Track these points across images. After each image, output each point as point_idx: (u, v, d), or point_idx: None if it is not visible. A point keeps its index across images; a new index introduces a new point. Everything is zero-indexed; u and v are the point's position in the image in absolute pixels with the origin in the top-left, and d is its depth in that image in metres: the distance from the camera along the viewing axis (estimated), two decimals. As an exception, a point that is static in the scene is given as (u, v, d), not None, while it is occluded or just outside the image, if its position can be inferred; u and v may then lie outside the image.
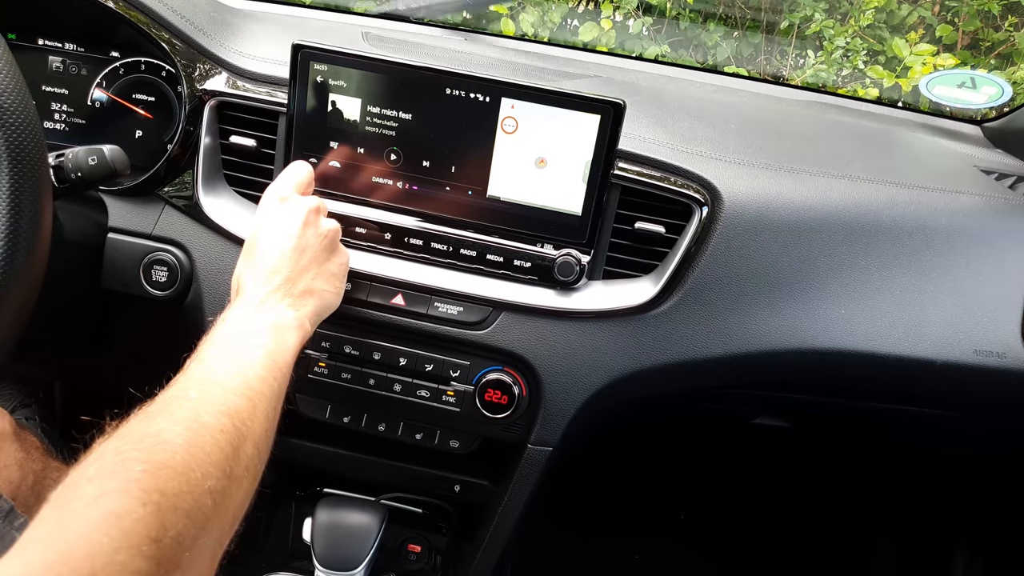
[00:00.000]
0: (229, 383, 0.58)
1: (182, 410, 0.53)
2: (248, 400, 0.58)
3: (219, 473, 0.51)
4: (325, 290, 0.75)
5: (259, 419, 0.58)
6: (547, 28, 2.02)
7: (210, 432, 0.52)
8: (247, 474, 0.56)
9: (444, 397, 0.88)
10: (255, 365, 0.62)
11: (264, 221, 0.74)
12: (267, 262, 0.71)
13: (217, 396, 0.56)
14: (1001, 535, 1.41)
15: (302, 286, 0.72)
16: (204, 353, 0.62)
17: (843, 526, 1.67)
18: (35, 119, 0.63)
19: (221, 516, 0.51)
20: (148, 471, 0.46)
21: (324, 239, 0.75)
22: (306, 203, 0.75)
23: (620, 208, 0.86)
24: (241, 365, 0.61)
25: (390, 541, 1.05)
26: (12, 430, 0.97)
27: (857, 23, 2.09)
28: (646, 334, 0.86)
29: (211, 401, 0.55)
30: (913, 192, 0.90)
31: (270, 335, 0.66)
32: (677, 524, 1.70)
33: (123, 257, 0.90)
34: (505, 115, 0.80)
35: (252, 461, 0.57)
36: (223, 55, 0.90)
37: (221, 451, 0.52)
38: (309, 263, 0.73)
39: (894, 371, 0.87)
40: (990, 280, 0.88)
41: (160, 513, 0.45)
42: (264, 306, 0.68)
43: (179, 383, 0.58)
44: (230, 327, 0.66)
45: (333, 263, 0.77)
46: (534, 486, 0.92)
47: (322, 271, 0.75)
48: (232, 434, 0.54)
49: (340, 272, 0.78)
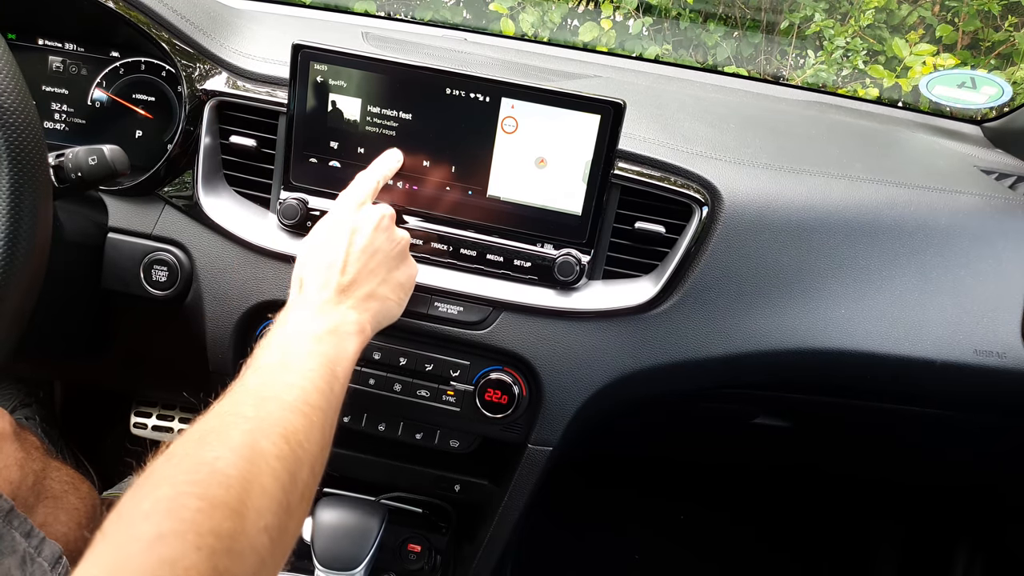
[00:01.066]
0: (286, 398, 0.56)
1: (238, 432, 0.51)
2: (305, 417, 0.56)
3: (276, 507, 0.49)
4: (389, 298, 0.73)
5: (315, 438, 0.56)
6: (547, 28, 2.03)
7: (267, 461, 0.50)
8: (303, 503, 0.54)
9: (444, 397, 0.88)
10: (313, 376, 0.59)
11: (336, 222, 0.72)
12: (335, 261, 0.69)
13: (274, 414, 0.54)
14: (1007, 536, 1.41)
15: (367, 289, 0.70)
16: (260, 360, 0.60)
17: (843, 526, 1.67)
18: (35, 119, 0.63)
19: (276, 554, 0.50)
20: (203, 510, 0.45)
21: (397, 246, 0.74)
22: (381, 208, 0.74)
23: (620, 208, 0.86)
24: (299, 376, 0.59)
25: (390, 541, 1.04)
26: (12, 430, 0.97)
27: (857, 23, 2.09)
28: (646, 334, 0.86)
29: (268, 421, 0.53)
30: (913, 192, 0.90)
31: (330, 341, 0.64)
32: (677, 524, 1.70)
33: (123, 257, 0.90)
34: (505, 115, 0.80)
35: (308, 488, 0.55)
36: (223, 55, 0.90)
37: (278, 482, 0.50)
38: (377, 267, 0.71)
39: (894, 371, 0.87)
40: (990, 280, 0.88)
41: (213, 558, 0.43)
42: (326, 307, 0.66)
43: (235, 394, 0.56)
44: (290, 329, 0.64)
45: (402, 272, 0.75)
46: (534, 486, 0.92)
47: (389, 278, 0.73)
48: (290, 460, 0.52)
49: (407, 284, 0.76)
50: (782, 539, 1.70)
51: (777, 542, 1.70)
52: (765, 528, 1.71)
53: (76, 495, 1.04)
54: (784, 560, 1.68)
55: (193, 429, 0.52)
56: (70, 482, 1.05)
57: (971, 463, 1.26)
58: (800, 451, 1.32)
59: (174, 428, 1.40)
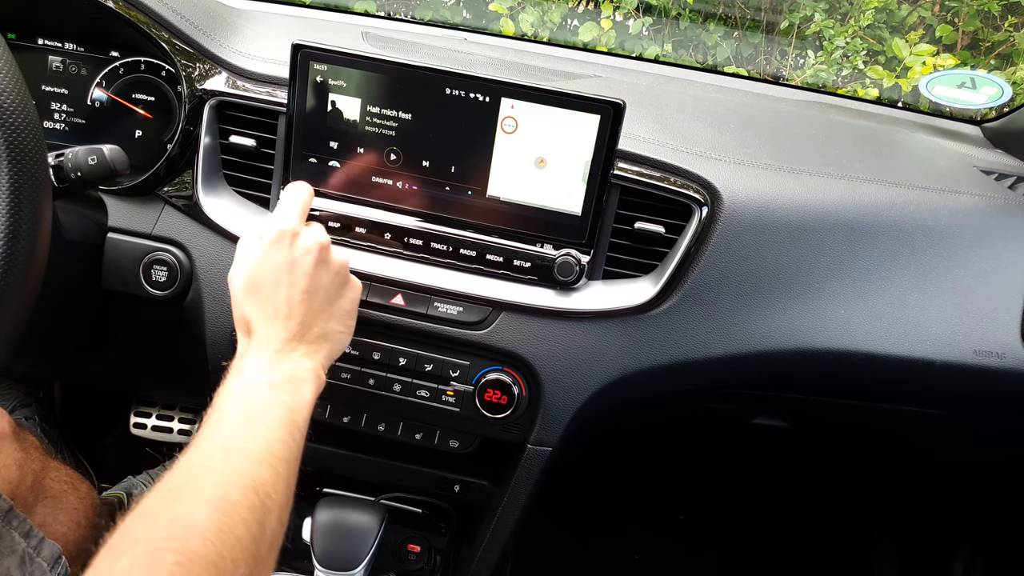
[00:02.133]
0: (252, 451, 0.58)
1: (209, 485, 0.53)
2: (271, 468, 0.57)
3: (248, 558, 0.51)
4: (338, 332, 0.74)
5: (282, 488, 0.58)
6: (547, 28, 2.03)
7: (238, 512, 0.52)
8: (271, 552, 0.55)
9: (444, 397, 0.88)
10: (276, 428, 0.61)
11: (272, 259, 0.70)
12: (280, 307, 0.69)
13: (242, 467, 0.56)
14: (1007, 538, 1.41)
15: (316, 331, 0.70)
16: (223, 411, 0.61)
17: (843, 528, 1.67)
18: (35, 119, 0.63)
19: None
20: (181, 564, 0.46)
21: (336, 276, 0.73)
22: (315, 239, 0.72)
23: (620, 208, 0.86)
24: (262, 428, 0.60)
25: (390, 541, 1.05)
26: (11, 430, 0.97)
27: (857, 23, 2.09)
28: (646, 334, 0.86)
29: (236, 474, 0.55)
30: (913, 192, 0.90)
31: (287, 390, 0.65)
32: (677, 524, 1.70)
33: (123, 257, 0.90)
34: (505, 115, 0.80)
35: (276, 537, 0.56)
36: (223, 55, 0.90)
37: (250, 533, 0.52)
38: (322, 304, 0.71)
39: (894, 371, 0.87)
40: (990, 280, 0.88)
41: None
42: (279, 355, 0.67)
43: (201, 447, 0.57)
44: (248, 379, 0.65)
45: (346, 299, 0.75)
46: (534, 486, 0.91)
47: (335, 310, 0.73)
48: (259, 511, 0.54)
49: (352, 308, 0.76)
50: (782, 540, 1.70)
51: (777, 543, 1.70)
52: (765, 529, 1.71)
53: (75, 495, 1.04)
54: (784, 561, 1.68)
55: (163, 484, 0.53)
56: (69, 482, 1.05)
57: (971, 464, 1.26)
58: (800, 451, 1.32)
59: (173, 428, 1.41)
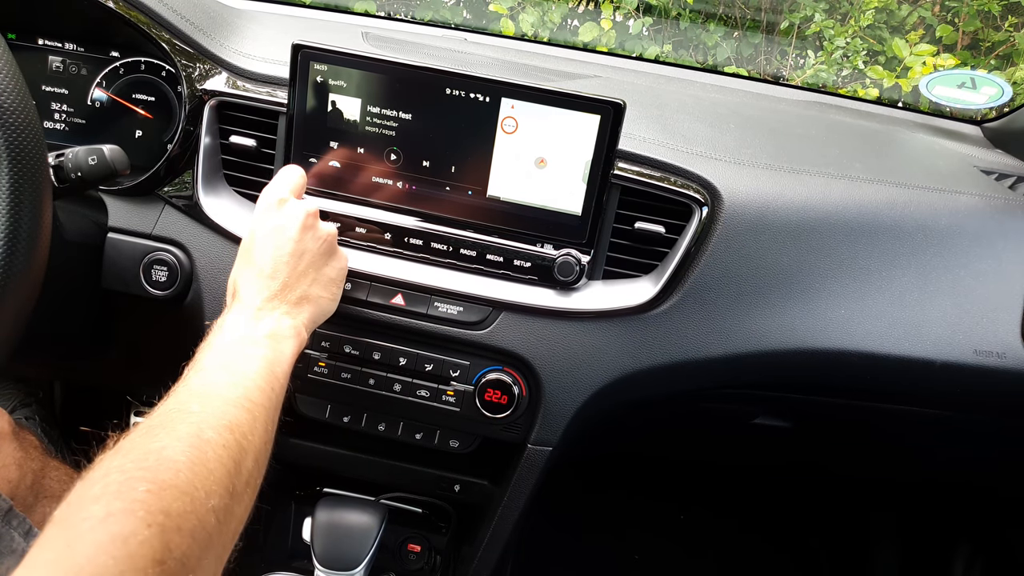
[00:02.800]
0: (229, 395, 0.59)
1: (184, 425, 0.54)
2: (248, 412, 0.58)
3: (222, 491, 0.51)
4: (321, 296, 0.75)
5: (259, 431, 0.59)
6: (547, 28, 2.03)
7: (213, 448, 0.53)
8: (248, 489, 0.56)
9: (444, 397, 0.88)
10: (254, 376, 0.62)
11: (261, 224, 0.73)
12: (264, 267, 0.70)
13: (218, 409, 0.57)
14: (1007, 537, 1.41)
15: (299, 292, 0.72)
16: (203, 362, 0.62)
17: (844, 529, 1.67)
18: (35, 119, 0.63)
19: (224, 534, 0.52)
20: (153, 491, 0.46)
21: (323, 243, 0.74)
22: (303, 206, 0.74)
23: (620, 208, 0.86)
24: (240, 376, 0.61)
25: (390, 541, 1.05)
26: (11, 430, 0.97)
27: (857, 23, 2.09)
28: (646, 334, 0.86)
29: (213, 415, 0.56)
30: (913, 192, 0.90)
31: (267, 344, 0.66)
32: (677, 524, 1.70)
33: (123, 257, 0.90)
34: (505, 115, 0.80)
35: (253, 475, 0.57)
36: (223, 55, 0.90)
37: (224, 468, 0.53)
38: (307, 268, 0.73)
39: (894, 371, 0.87)
40: (990, 280, 0.88)
41: (164, 534, 0.45)
42: (261, 313, 0.68)
43: (179, 394, 0.58)
44: (228, 335, 0.66)
45: (331, 268, 0.76)
46: (534, 486, 0.91)
47: (320, 276, 0.74)
48: (234, 449, 0.54)
49: (338, 277, 0.78)
50: (782, 540, 1.70)
51: (777, 543, 1.70)
52: (765, 529, 1.71)
53: (75, 495, 1.04)
54: (784, 561, 1.68)
55: (140, 426, 0.54)
56: (69, 482, 1.05)
57: (971, 463, 1.26)
58: (800, 451, 1.32)
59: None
